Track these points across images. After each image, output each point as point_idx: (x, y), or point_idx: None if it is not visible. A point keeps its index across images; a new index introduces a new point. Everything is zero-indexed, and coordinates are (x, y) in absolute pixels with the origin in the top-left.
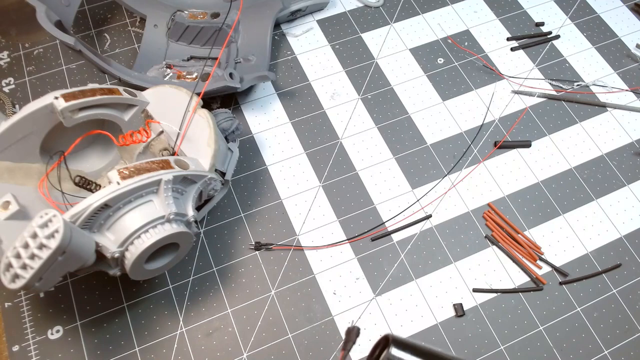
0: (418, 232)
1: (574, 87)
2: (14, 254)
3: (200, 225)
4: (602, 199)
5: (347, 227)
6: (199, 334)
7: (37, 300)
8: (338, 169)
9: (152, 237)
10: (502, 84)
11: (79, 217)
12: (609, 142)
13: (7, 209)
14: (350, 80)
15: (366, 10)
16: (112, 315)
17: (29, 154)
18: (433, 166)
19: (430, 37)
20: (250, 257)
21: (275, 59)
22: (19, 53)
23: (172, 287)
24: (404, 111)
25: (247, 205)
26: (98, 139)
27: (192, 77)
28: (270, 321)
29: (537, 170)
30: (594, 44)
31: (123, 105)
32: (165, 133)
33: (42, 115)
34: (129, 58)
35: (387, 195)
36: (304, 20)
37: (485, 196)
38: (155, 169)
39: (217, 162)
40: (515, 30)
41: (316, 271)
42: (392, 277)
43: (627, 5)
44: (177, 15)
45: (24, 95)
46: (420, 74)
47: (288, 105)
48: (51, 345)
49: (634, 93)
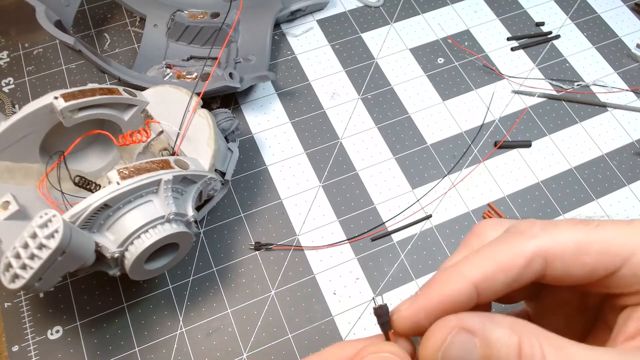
0: (418, 232)
1: (574, 87)
2: (13, 254)
3: (200, 225)
4: (602, 199)
5: (347, 227)
6: (199, 334)
7: (36, 300)
8: (338, 169)
9: (152, 237)
10: (502, 83)
11: (78, 217)
12: (609, 142)
13: (7, 209)
14: (350, 80)
15: (366, 10)
16: (111, 315)
17: (29, 154)
18: (433, 166)
19: (430, 37)
20: (250, 257)
21: (275, 59)
22: (19, 53)
23: (172, 287)
24: (404, 111)
25: (247, 205)
26: (98, 139)
27: (192, 77)
28: (270, 321)
29: (537, 170)
30: (594, 43)
31: (123, 105)
32: (165, 133)
33: (41, 115)
34: (128, 58)
35: (387, 195)
36: (304, 20)
37: (485, 196)
38: (155, 169)
39: (217, 162)
40: (515, 30)
41: (316, 271)
42: (392, 277)
43: (627, 5)
44: (177, 15)
45: (24, 95)
46: (420, 74)
47: (288, 105)
48: (51, 345)
49: (634, 93)
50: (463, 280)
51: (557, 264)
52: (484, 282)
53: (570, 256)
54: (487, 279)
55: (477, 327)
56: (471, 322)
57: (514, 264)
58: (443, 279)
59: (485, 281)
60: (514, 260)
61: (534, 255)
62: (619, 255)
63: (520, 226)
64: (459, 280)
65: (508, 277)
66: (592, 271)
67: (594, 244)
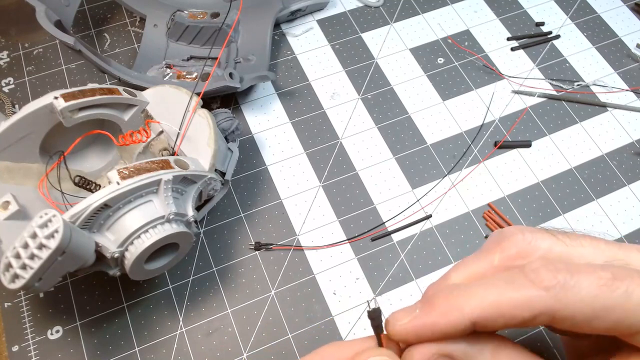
0: (418, 232)
1: (574, 87)
2: (13, 254)
3: (200, 225)
4: (602, 199)
5: (347, 227)
6: (199, 334)
7: (36, 300)
8: (338, 169)
9: (152, 237)
10: (502, 83)
11: (78, 217)
12: (609, 142)
13: (7, 209)
14: (350, 80)
15: (366, 10)
16: (111, 315)
17: (29, 154)
18: (433, 166)
19: (430, 37)
20: (250, 257)
21: (275, 59)
22: (19, 53)
23: (172, 287)
24: (404, 111)
25: (247, 205)
26: (98, 139)
27: (192, 77)
28: (270, 321)
29: (537, 170)
30: (594, 43)
31: (123, 105)
32: (165, 133)
33: (41, 115)
34: (128, 58)
35: (387, 195)
36: (304, 20)
37: (485, 196)
38: (155, 169)
39: (217, 162)
40: (515, 30)
41: (316, 271)
42: (392, 277)
43: (627, 5)
44: (177, 15)
45: (24, 95)
46: (420, 74)
47: (288, 105)
48: (51, 345)
49: (634, 93)
50: (460, 316)
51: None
52: (482, 322)
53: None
54: (486, 320)
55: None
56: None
57: (517, 314)
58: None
59: (483, 321)
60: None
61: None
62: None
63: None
64: (456, 315)
65: (509, 324)
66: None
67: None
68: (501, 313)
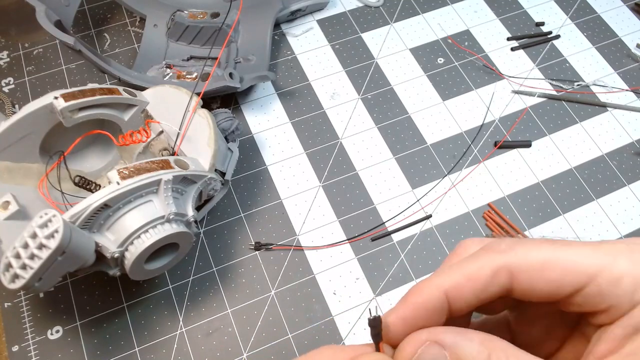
0: (418, 232)
1: (574, 87)
2: (13, 254)
3: (200, 225)
4: (602, 199)
5: (347, 227)
6: (199, 334)
7: (36, 300)
8: (338, 169)
9: (152, 237)
10: (502, 83)
11: (78, 217)
12: (609, 142)
13: (7, 209)
14: (350, 80)
15: (366, 10)
16: (111, 315)
17: (29, 154)
18: (433, 166)
19: (430, 37)
20: (250, 257)
21: (275, 59)
22: (19, 53)
23: (172, 287)
24: (404, 111)
25: (247, 205)
26: (98, 139)
27: (192, 77)
28: (270, 321)
29: (537, 170)
30: (594, 43)
31: (123, 105)
32: (165, 133)
33: (41, 115)
34: (128, 58)
35: (387, 195)
36: (304, 20)
37: (485, 196)
38: (155, 169)
39: (217, 162)
40: (515, 30)
41: (316, 271)
42: (392, 277)
43: (627, 5)
44: (177, 15)
45: (24, 95)
46: (420, 74)
47: (288, 105)
48: (51, 345)
49: (634, 93)
50: (434, 288)
51: (523, 278)
52: (453, 290)
53: (535, 271)
54: (456, 287)
55: (449, 341)
56: (443, 336)
57: (480, 274)
58: (417, 289)
59: (454, 289)
60: (480, 272)
61: (500, 268)
62: (584, 273)
63: (491, 244)
64: (430, 288)
65: (476, 287)
66: (558, 288)
67: (559, 261)
68: (467, 277)
